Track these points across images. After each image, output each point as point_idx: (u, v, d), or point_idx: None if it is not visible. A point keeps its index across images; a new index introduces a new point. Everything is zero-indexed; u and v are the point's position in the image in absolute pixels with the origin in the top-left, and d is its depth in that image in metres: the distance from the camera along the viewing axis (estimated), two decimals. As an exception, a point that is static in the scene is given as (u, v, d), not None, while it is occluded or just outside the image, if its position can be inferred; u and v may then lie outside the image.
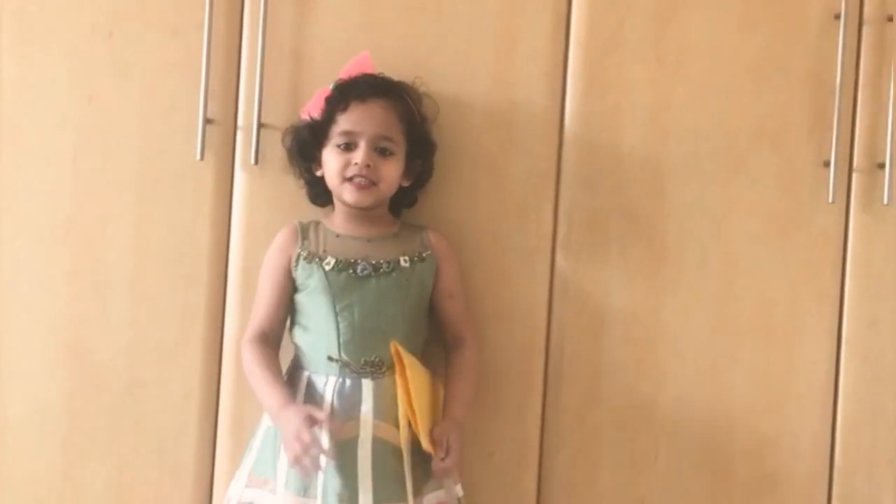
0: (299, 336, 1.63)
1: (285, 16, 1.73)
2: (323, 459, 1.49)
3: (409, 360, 1.55)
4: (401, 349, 1.54)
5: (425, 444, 1.52)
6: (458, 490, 1.65)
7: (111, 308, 1.74)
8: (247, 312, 1.67)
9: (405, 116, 1.63)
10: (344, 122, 1.60)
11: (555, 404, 1.75)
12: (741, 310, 1.76)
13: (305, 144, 1.65)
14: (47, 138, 1.74)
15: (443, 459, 1.52)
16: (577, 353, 1.75)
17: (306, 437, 1.47)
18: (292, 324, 1.65)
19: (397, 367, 1.55)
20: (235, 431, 1.72)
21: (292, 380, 1.62)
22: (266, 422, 1.62)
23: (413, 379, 1.53)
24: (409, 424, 1.54)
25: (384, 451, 1.53)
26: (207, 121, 1.71)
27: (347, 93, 1.61)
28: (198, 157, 1.71)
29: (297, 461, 1.47)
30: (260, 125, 1.71)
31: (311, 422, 1.48)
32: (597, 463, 1.75)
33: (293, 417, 1.49)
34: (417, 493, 1.56)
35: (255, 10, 1.72)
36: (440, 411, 1.59)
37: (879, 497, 1.75)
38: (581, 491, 1.75)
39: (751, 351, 1.76)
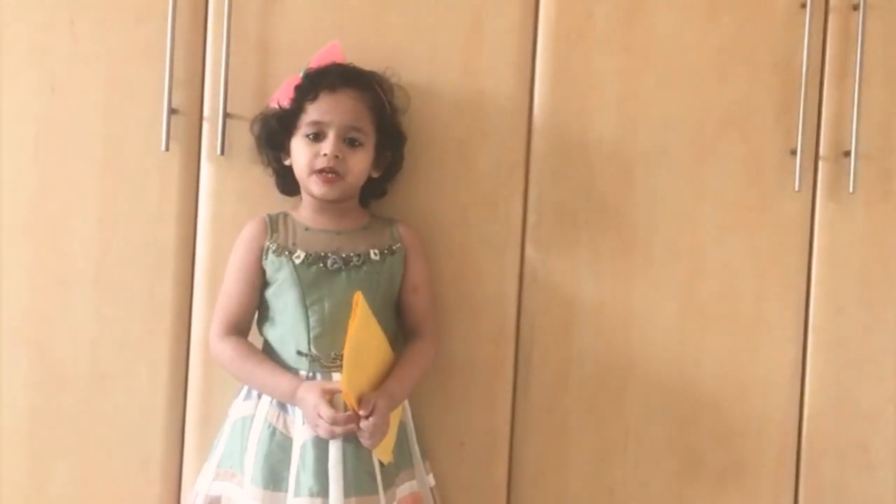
0: (268, 330, 1.62)
1: (251, 4, 1.71)
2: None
3: (364, 316, 1.49)
4: (362, 301, 1.49)
5: (349, 399, 1.48)
6: (430, 480, 1.66)
7: (75, 302, 1.71)
8: (214, 305, 1.64)
9: (375, 107, 1.61)
10: (313, 112, 1.58)
11: (525, 394, 1.75)
12: (709, 298, 1.77)
13: (274, 133, 1.64)
14: (8, 130, 1.71)
15: (366, 418, 1.48)
16: (547, 343, 1.75)
17: (325, 411, 1.47)
18: (261, 318, 1.63)
19: (351, 316, 1.49)
20: (203, 425, 1.71)
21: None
22: (234, 415, 1.61)
23: (357, 332, 1.48)
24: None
25: (355, 445, 1.52)
26: (172, 111, 1.69)
27: (317, 82, 1.60)
28: (163, 147, 1.69)
29: (330, 435, 1.49)
30: (226, 115, 1.69)
31: (328, 394, 1.49)
32: (567, 451, 1.76)
33: (308, 396, 1.50)
34: (389, 485, 1.56)
35: (221, -4, 1.70)
36: (381, 381, 1.56)
37: (846, 482, 1.77)
38: (551, 479, 1.76)
39: (719, 338, 1.77)
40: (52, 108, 1.71)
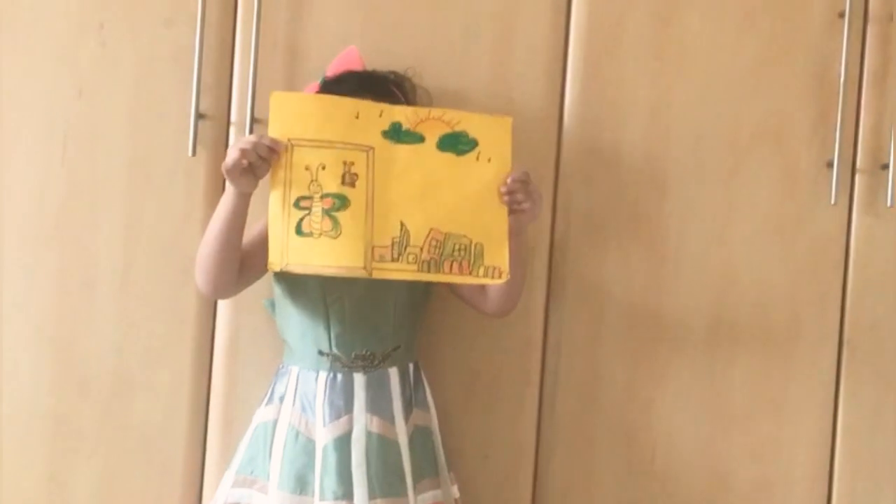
0: (289, 331, 1.61)
1: (280, 8, 1.71)
2: None
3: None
4: None
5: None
6: (455, 491, 1.64)
7: (100, 307, 1.71)
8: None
9: None
10: None
11: (551, 405, 1.74)
12: (741, 311, 1.74)
13: None
14: (35, 133, 1.71)
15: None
16: (575, 353, 1.74)
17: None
18: (281, 319, 1.62)
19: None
20: (226, 431, 1.70)
21: (281, 376, 1.60)
22: (255, 420, 1.60)
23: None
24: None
25: (378, 446, 1.52)
26: (200, 116, 1.69)
27: (336, 92, 1.57)
28: (190, 153, 1.68)
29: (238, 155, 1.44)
30: (253, 120, 1.68)
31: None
32: (593, 465, 1.74)
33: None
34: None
35: (250, 1, 1.69)
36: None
37: (880, 499, 1.74)
38: (577, 494, 1.74)
39: (750, 353, 1.74)
40: (79, 111, 1.71)
